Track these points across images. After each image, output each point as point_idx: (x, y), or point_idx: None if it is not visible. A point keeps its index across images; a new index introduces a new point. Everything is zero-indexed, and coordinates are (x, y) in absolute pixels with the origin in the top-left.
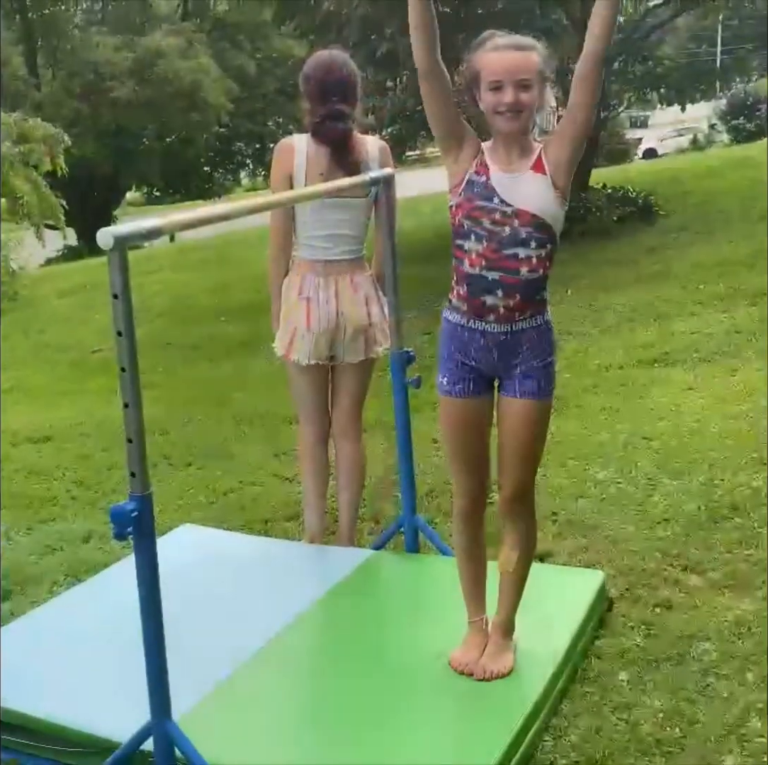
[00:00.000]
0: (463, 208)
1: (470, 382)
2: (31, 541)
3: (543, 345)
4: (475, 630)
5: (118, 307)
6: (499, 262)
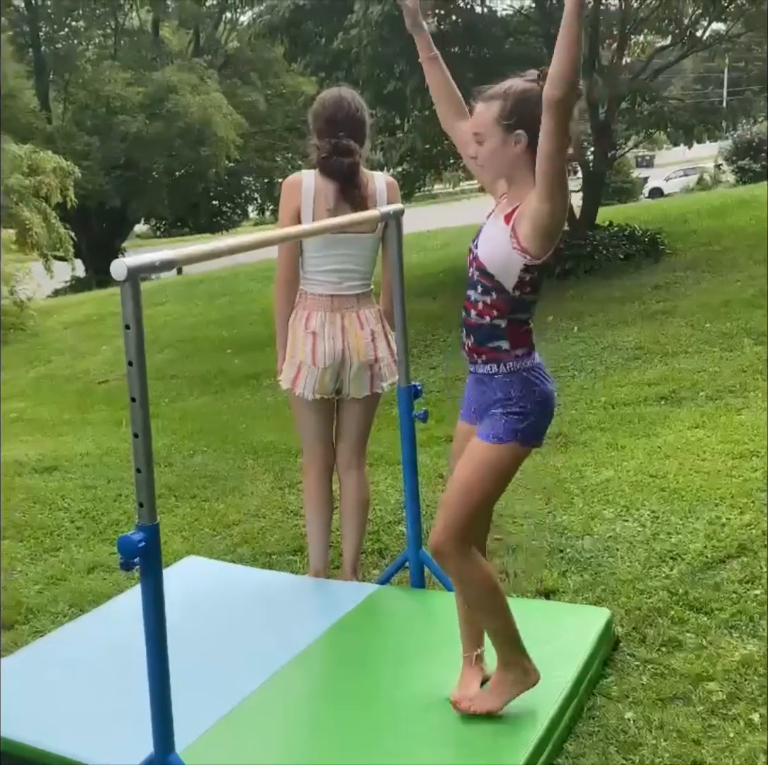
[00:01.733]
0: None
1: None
2: (36, 571)
3: (501, 394)
4: (466, 665)
5: (130, 338)
6: (464, 302)
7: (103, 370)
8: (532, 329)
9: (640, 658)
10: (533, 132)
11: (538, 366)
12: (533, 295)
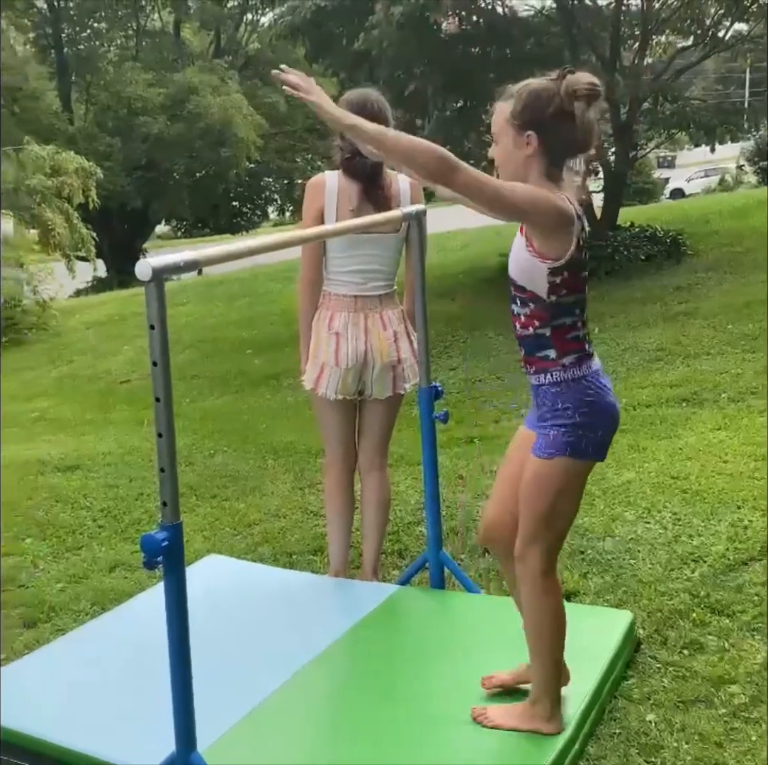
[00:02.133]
0: None
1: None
2: (58, 569)
3: (549, 406)
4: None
5: (154, 338)
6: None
7: (125, 370)
8: (583, 335)
9: (662, 661)
10: (545, 132)
11: (593, 375)
12: (573, 296)
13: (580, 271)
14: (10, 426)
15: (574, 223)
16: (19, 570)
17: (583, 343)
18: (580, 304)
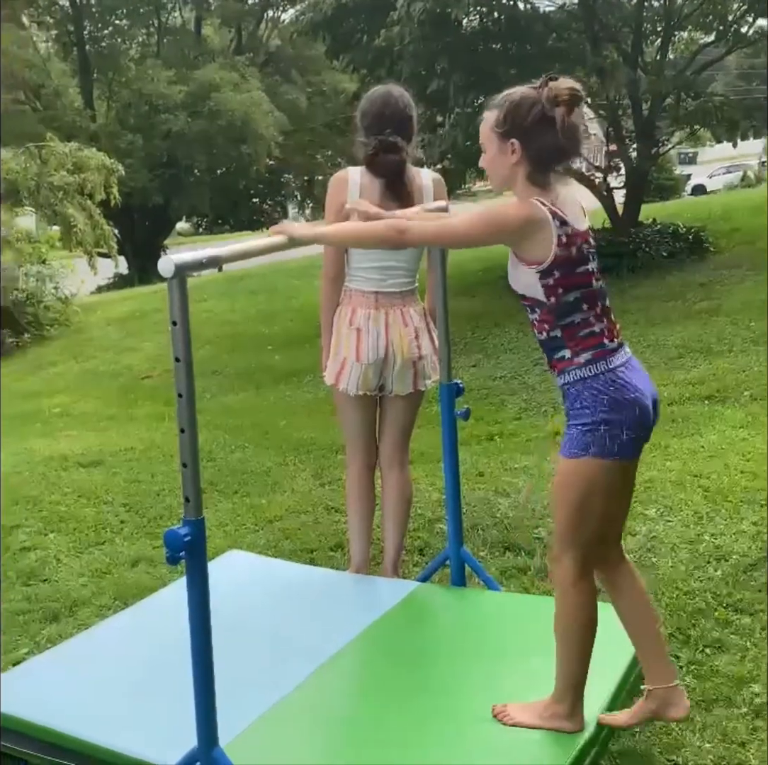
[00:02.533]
0: None
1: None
2: (80, 564)
3: (572, 405)
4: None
5: (177, 334)
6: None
7: (146, 366)
8: (601, 329)
9: (684, 659)
10: (528, 139)
11: (614, 370)
12: (574, 293)
13: (574, 267)
14: (33, 422)
15: (549, 224)
16: (42, 564)
17: (601, 337)
18: (587, 300)
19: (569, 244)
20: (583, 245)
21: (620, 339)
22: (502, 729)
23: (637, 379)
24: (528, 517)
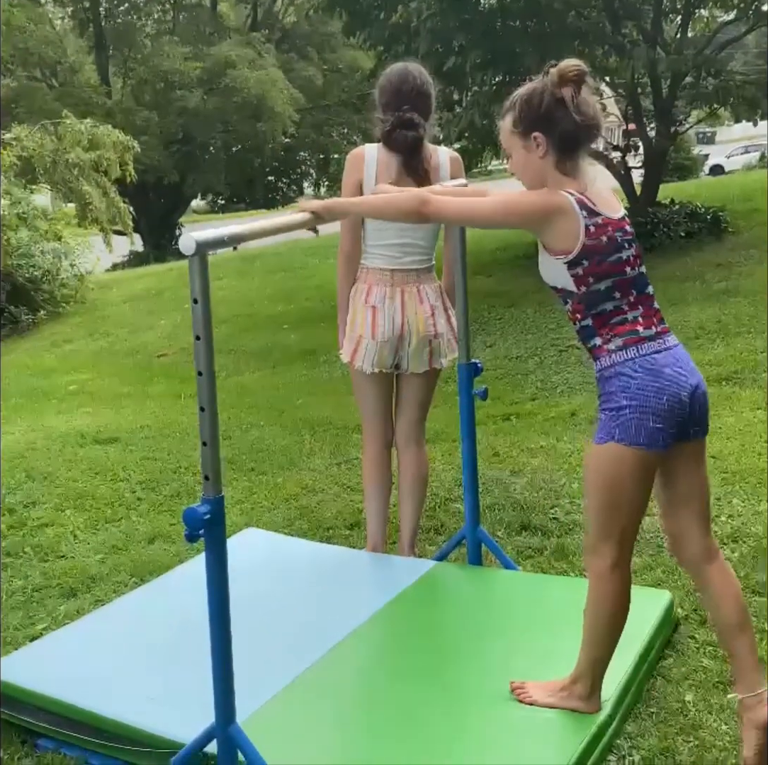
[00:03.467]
0: None
1: None
2: (97, 540)
3: (602, 390)
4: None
5: (197, 312)
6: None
7: (162, 343)
8: (634, 317)
9: (701, 641)
10: (548, 128)
11: (645, 358)
12: (605, 282)
13: (605, 256)
14: (49, 398)
15: (575, 214)
16: (59, 541)
17: (634, 325)
18: (619, 288)
19: (599, 234)
20: (616, 233)
21: (660, 327)
22: (518, 707)
23: (673, 368)
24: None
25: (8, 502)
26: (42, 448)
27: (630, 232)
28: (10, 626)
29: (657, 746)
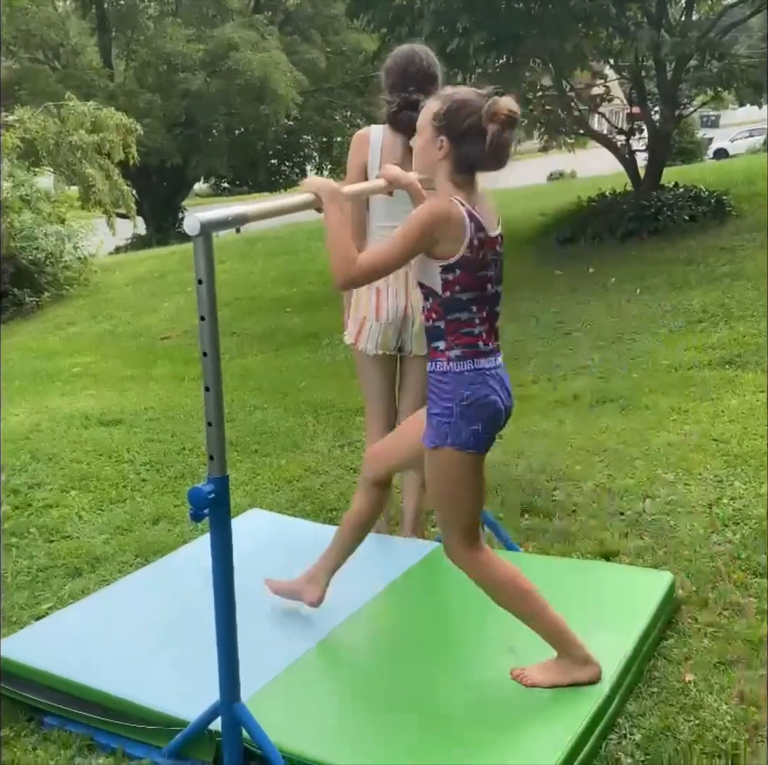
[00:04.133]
0: None
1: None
2: (102, 521)
3: (433, 393)
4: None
5: (202, 292)
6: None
7: (165, 326)
8: (480, 331)
9: (702, 622)
10: (457, 142)
11: (480, 371)
12: (468, 294)
13: (476, 270)
14: (53, 380)
15: (465, 225)
16: (64, 521)
17: (478, 339)
18: (478, 302)
19: (479, 248)
20: (489, 252)
21: (496, 345)
22: (520, 689)
23: (498, 386)
24: (547, 479)
25: (13, 483)
26: (46, 430)
27: (500, 253)
28: (16, 605)
29: (657, 725)
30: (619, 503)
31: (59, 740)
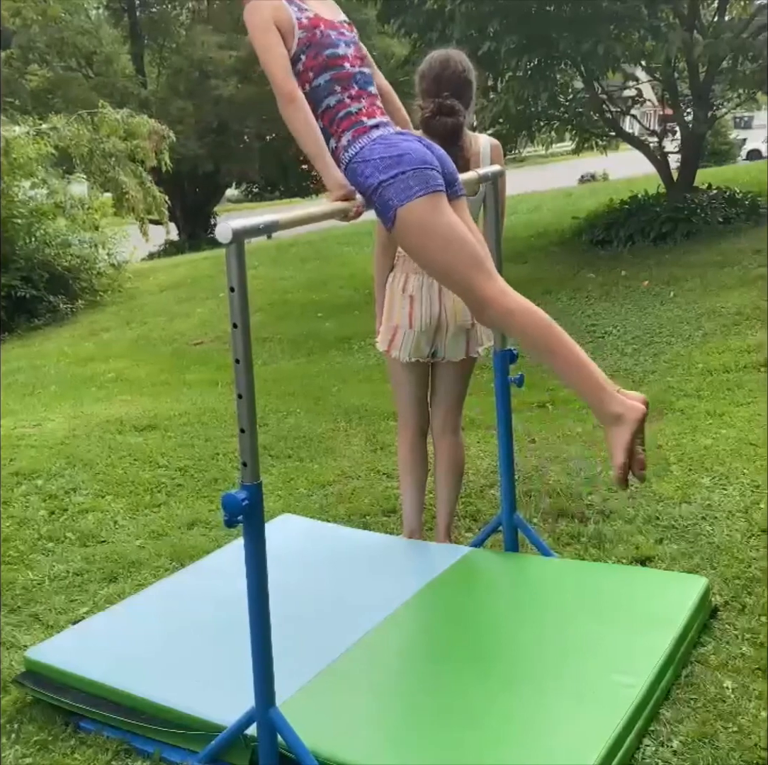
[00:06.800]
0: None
1: None
2: (137, 526)
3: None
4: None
5: (234, 300)
6: None
7: (198, 332)
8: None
9: (740, 628)
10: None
11: (377, 139)
12: (324, 76)
13: (320, 50)
14: (89, 386)
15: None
16: (99, 526)
17: (359, 116)
18: (339, 82)
19: (313, 27)
20: (331, 31)
21: (385, 118)
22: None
23: (404, 138)
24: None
25: (49, 488)
26: (82, 435)
27: (349, 36)
28: (53, 610)
29: (696, 732)
30: (655, 508)
31: (96, 744)
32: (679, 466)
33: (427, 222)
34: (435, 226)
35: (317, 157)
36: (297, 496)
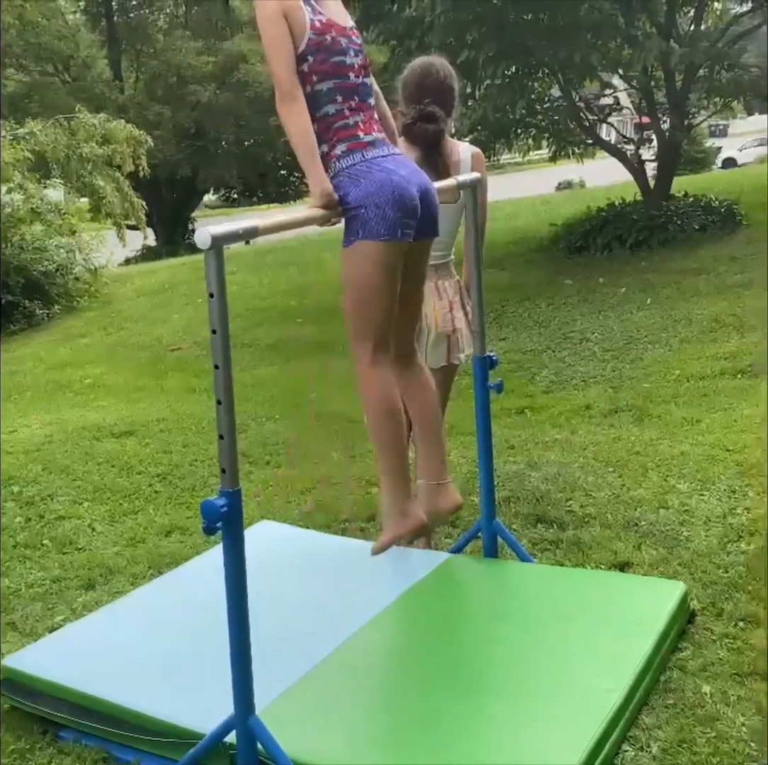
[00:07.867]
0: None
1: None
2: (115, 532)
3: (339, 198)
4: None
5: (213, 306)
6: None
7: (176, 337)
8: (355, 122)
9: (718, 633)
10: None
11: (370, 161)
12: (328, 83)
13: (329, 56)
14: (65, 392)
15: (301, 8)
16: (77, 533)
17: (355, 130)
18: (342, 92)
19: (324, 32)
20: (342, 38)
21: (381, 136)
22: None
23: (395, 166)
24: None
25: (26, 495)
26: (58, 441)
27: (358, 43)
28: (30, 617)
29: (675, 738)
30: (633, 513)
31: (74, 753)
32: (656, 471)
33: (367, 270)
34: (368, 279)
35: (309, 162)
36: (275, 502)
